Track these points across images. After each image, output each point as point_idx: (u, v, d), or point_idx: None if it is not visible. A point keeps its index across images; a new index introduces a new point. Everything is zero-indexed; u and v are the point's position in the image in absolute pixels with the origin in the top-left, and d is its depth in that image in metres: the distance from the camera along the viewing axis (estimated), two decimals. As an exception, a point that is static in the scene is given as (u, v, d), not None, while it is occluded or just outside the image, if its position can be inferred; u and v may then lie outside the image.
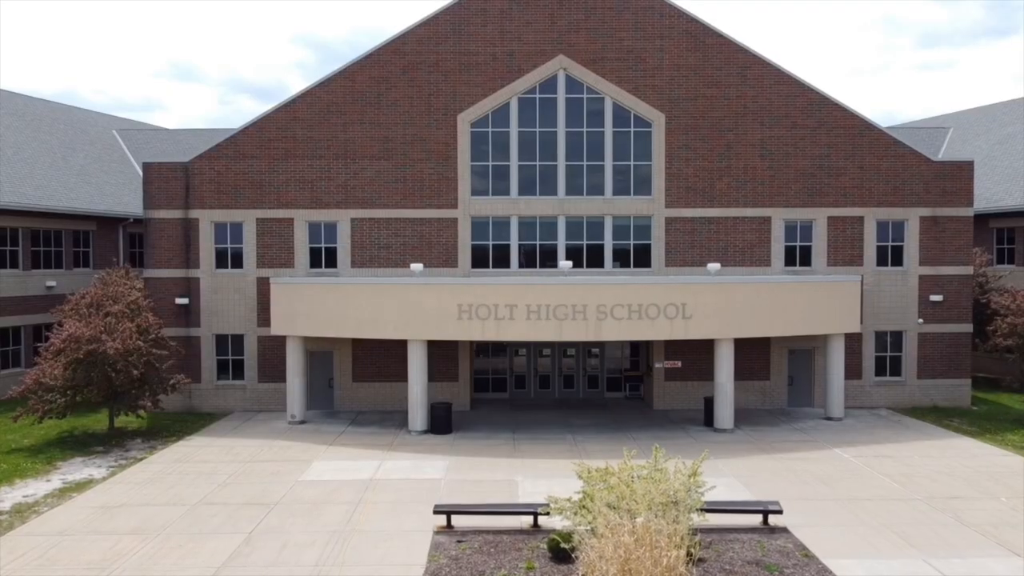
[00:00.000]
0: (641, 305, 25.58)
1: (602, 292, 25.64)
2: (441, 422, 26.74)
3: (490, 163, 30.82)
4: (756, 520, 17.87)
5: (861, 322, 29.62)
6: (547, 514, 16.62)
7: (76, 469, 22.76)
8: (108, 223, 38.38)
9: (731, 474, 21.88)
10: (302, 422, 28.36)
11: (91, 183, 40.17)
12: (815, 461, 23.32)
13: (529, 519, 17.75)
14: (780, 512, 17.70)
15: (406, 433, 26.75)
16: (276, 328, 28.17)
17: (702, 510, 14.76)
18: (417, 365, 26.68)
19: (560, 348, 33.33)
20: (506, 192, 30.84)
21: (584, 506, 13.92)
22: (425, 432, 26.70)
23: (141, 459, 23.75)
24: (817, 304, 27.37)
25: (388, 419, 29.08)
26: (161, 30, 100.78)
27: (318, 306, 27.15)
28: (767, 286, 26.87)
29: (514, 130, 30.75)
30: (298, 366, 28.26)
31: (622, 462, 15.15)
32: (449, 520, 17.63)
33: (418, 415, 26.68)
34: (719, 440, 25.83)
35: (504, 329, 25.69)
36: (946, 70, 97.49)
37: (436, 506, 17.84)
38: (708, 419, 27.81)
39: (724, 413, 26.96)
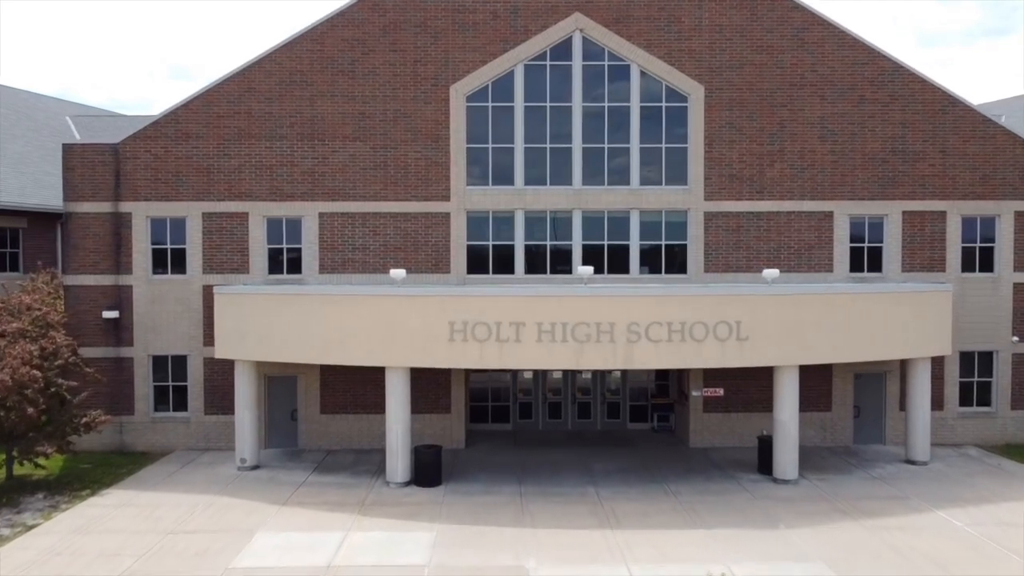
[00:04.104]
0: (684, 323, 19.91)
1: (634, 306, 19.98)
2: (428, 471, 21.05)
3: (490, 145, 25.14)
4: (883, 651, 12.24)
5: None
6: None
7: (-62, 545, 17.06)
8: (42, 219, 32.56)
9: (816, 555, 16.23)
10: (255, 467, 22.66)
11: (26, 174, 34.43)
12: (918, 531, 17.66)
13: (550, 652, 12.09)
14: (921, 642, 12.05)
15: (383, 485, 21.05)
16: (221, 349, 22.46)
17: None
18: (398, 399, 20.99)
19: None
20: (509, 181, 25.16)
21: None
22: (408, 483, 21.01)
23: (31, 527, 18.03)
24: (901, 320, 21.71)
25: (363, 461, 23.41)
26: (158, 29, 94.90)
27: (274, 322, 21.48)
28: (843, 297, 21.17)
29: (519, 105, 25.08)
30: (250, 397, 22.56)
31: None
32: (432, 654, 11.96)
33: (399, 463, 20.98)
34: (783, 496, 20.18)
35: (508, 354, 20.02)
36: (944, 69, 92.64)
37: (413, 631, 12.17)
38: (763, 464, 22.16)
39: (786, 459, 21.29)
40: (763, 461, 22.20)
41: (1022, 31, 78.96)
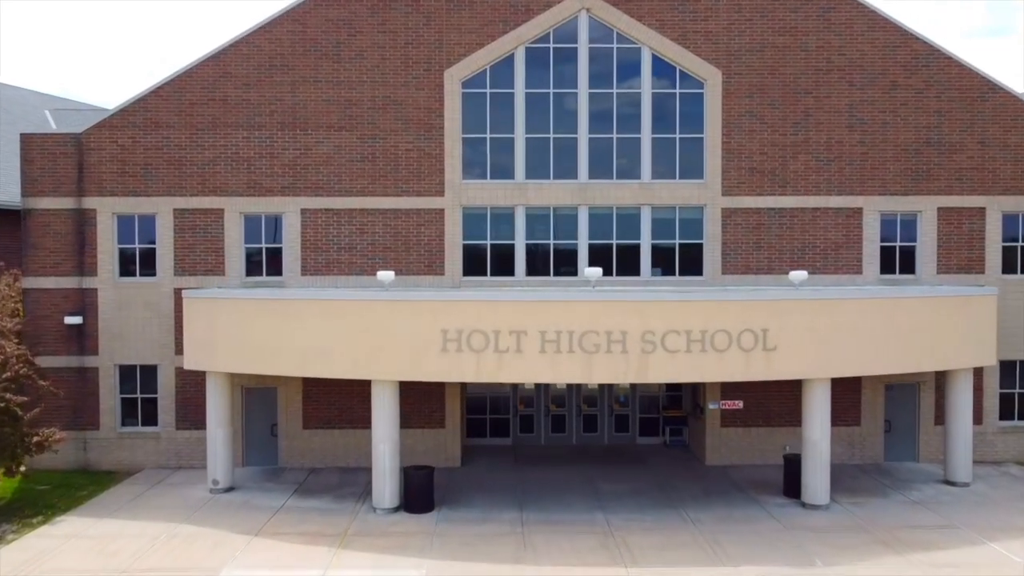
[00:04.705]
0: (705, 332, 17.81)
1: (649, 312, 17.87)
2: (419, 495, 18.94)
3: (488, 135, 23.06)
4: None
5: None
6: None
7: None
8: (10, 217, 30.50)
9: (862, 601, 14.15)
10: (229, 489, 20.56)
11: (-4, 168, 32.40)
12: (975, 569, 15.57)
13: None
14: None
15: (369, 511, 18.94)
16: (191, 360, 20.35)
17: None
18: (385, 416, 18.87)
19: (579, 379, 25.51)
20: (509, 174, 23.07)
21: None
22: (396, 509, 18.89)
23: (-32, 564, 15.96)
24: (943, 328, 19.62)
25: (349, 482, 21.32)
26: (159, 29, 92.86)
27: (248, 330, 19.36)
28: (881, 303, 19.05)
29: (520, 92, 23.00)
30: (222, 413, 20.45)
31: None
32: None
33: (386, 487, 18.85)
34: (816, 525, 18.06)
35: (508, 366, 17.91)
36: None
37: None
38: (789, 486, 20.07)
39: (817, 482, 19.17)
40: (789, 483, 20.10)
41: (1022, 31, 77.22)
